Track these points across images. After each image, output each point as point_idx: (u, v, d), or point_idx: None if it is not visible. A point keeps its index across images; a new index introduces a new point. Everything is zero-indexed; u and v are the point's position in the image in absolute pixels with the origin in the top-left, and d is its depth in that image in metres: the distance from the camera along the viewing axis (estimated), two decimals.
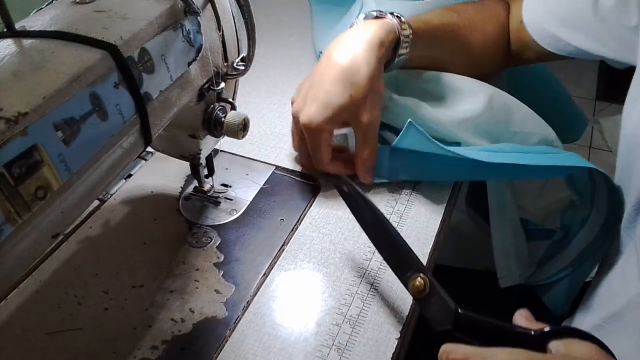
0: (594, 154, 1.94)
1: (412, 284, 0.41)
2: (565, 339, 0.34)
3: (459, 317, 0.38)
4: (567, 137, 0.89)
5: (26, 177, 0.27)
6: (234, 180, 0.59)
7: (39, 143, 0.28)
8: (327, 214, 0.55)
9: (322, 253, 0.51)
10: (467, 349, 0.35)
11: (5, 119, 0.26)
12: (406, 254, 0.43)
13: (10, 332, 0.44)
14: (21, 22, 0.34)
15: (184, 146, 0.50)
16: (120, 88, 0.33)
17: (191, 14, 0.40)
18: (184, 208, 0.56)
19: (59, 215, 0.31)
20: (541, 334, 0.34)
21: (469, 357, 0.34)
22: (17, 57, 0.30)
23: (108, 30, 0.34)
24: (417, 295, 0.41)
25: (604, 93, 2.18)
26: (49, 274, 0.49)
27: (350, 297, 0.47)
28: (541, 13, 0.60)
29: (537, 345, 0.34)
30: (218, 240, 0.52)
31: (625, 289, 0.49)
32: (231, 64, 0.47)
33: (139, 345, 0.43)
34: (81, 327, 0.45)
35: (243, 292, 0.47)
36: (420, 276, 0.41)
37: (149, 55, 0.36)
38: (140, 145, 0.38)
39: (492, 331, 0.37)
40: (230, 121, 0.48)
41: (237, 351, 0.43)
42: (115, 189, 0.57)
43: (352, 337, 0.44)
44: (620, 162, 0.51)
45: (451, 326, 0.38)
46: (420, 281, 0.40)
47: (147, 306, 0.46)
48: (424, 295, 0.40)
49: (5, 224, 0.27)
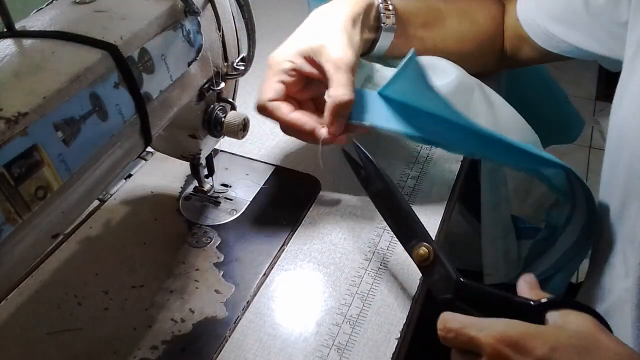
0: (594, 154, 1.94)
1: (416, 252, 0.41)
2: (563, 310, 0.34)
3: (460, 286, 0.38)
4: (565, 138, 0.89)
5: (26, 177, 0.27)
6: (234, 180, 0.59)
7: (39, 143, 0.28)
8: (327, 214, 0.55)
9: (322, 253, 0.51)
10: (464, 318, 0.36)
11: (5, 119, 0.26)
12: (413, 223, 0.43)
13: (10, 332, 0.44)
14: (21, 22, 0.34)
15: (184, 146, 0.50)
16: (120, 88, 0.33)
17: (191, 14, 0.40)
18: (184, 208, 0.56)
19: (59, 215, 0.31)
20: (539, 305, 0.35)
21: (465, 326, 0.35)
22: (17, 57, 0.30)
23: (108, 30, 0.34)
24: (421, 263, 0.41)
25: (604, 93, 2.18)
26: (49, 274, 0.49)
27: (350, 297, 0.47)
28: (535, 9, 0.61)
29: (535, 315, 0.35)
30: (218, 240, 0.52)
31: (615, 285, 0.49)
32: (231, 64, 0.47)
33: (139, 345, 0.43)
34: (81, 327, 0.45)
35: (243, 292, 0.47)
36: (425, 245, 0.41)
37: (149, 55, 0.36)
38: (140, 145, 0.38)
39: (492, 301, 0.37)
40: (230, 121, 0.48)
41: (237, 351, 0.43)
42: (115, 189, 0.57)
43: (352, 337, 0.44)
44: (607, 159, 0.52)
45: (452, 295, 0.39)
46: (425, 250, 0.41)
47: (147, 306, 0.46)
48: (428, 263, 0.41)
49: (5, 224, 0.27)
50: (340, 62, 0.48)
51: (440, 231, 0.53)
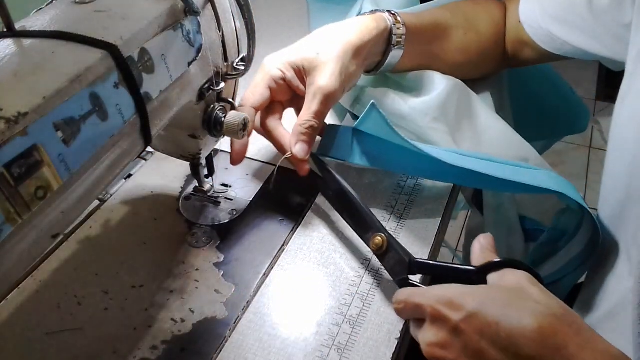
0: (594, 154, 1.94)
1: (372, 242, 0.46)
2: (502, 271, 0.38)
3: (412, 265, 0.43)
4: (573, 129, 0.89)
5: (26, 177, 0.27)
6: (234, 180, 0.59)
7: (39, 143, 0.28)
8: (327, 214, 0.55)
9: (322, 253, 0.51)
10: (411, 290, 0.41)
11: (5, 119, 0.26)
12: (368, 217, 0.47)
13: (10, 332, 0.44)
14: (21, 22, 0.34)
15: (184, 146, 0.50)
16: (120, 88, 0.33)
17: (191, 14, 0.40)
18: (184, 208, 0.56)
19: (59, 215, 0.31)
20: (480, 268, 0.39)
21: (411, 295, 0.40)
22: (17, 57, 0.30)
23: (108, 30, 0.34)
24: (377, 251, 0.46)
25: (604, 93, 2.18)
26: (49, 274, 0.49)
27: (350, 297, 0.47)
28: (538, 11, 0.60)
29: (478, 278, 0.39)
30: (218, 240, 0.52)
31: (619, 286, 0.49)
32: (231, 64, 0.47)
33: (139, 345, 0.43)
34: (81, 327, 0.45)
35: (243, 292, 0.47)
36: (380, 235, 0.45)
37: (149, 55, 0.36)
38: (140, 145, 0.38)
39: (441, 272, 0.42)
40: (230, 121, 0.48)
41: (237, 351, 0.43)
42: (115, 189, 0.57)
43: (352, 337, 0.44)
44: (609, 158, 0.52)
45: (406, 274, 0.43)
46: (380, 239, 0.45)
47: (147, 306, 0.46)
48: (383, 251, 0.45)
49: (5, 224, 0.27)
50: (320, 91, 0.50)
51: (440, 229, 0.53)
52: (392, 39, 0.56)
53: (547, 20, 0.59)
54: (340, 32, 0.53)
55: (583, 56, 0.59)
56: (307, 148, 0.50)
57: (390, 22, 0.56)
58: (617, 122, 0.49)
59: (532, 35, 0.62)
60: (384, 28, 0.55)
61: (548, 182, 0.48)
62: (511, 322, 0.34)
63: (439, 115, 0.55)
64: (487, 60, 0.67)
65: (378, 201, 0.56)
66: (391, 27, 0.56)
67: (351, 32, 0.53)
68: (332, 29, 0.54)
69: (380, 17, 0.56)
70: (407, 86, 0.60)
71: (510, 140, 0.58)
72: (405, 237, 0.52)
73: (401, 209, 0.55)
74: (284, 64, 0.51)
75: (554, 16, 0.58)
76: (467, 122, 0.58)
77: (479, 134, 0.58)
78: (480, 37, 0.64)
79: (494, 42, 0.66)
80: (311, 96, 0.50)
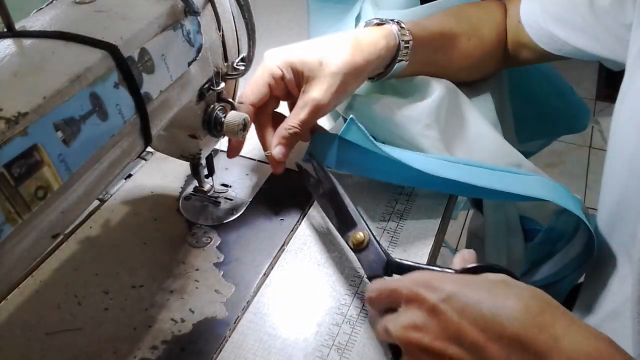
0: (594, 154, 1.94)
1: (352, 238, 0.45)
2: (483, 274, 0.37)
3: (389, 264, 0.43)
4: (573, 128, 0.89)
5: (26, 177, 0.27)
6: (234, 180, 0.59)
7: (39, 143, 0.28)
8: None
9: (322, 253, 0.51)
10: (385, 279, 0.41)
11: (5, 119, 0.26)
12: (354, 215, 0.47)
13: (10, 332, 0.44)
14: (21, 22, 0.34)
15: (184, 146, 0.50)
16: (120, 88, 0.33)
17: (191, 14, 0.40)
18: (184, 208, 0.56)
19: (59, 215, 0.31)
20: (460, 272, 0.38)
21: (385, 282, 0.40)
22: (17, 57, 0.30)
23: (108, 30, 0.34)
24: (357, 247, 0.45)
25: (604, 93, 2.18)
26: (49, 274, 0.49)
27: (350, 297, 0.47)
28: (538, 12, 0.60)
29: None
30: (218, 240, 0.52)
31: (622, 286, 0.49)
32: (231, 64, 0.47)
33: (139, 345, 0.43)
34: (81, 327, 0.45)
35: (243, 292, 0.47)
36: (362, 232, 0.45)
37: (149, 55, 0.36)
38: (140, 145, 0.38)
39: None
40: (230, 121, 0.48)
41: (237, 351, 0.43)
42: (115, 189, 0.57)
43: (352, 337, 0.44)
44: (609, 157, 0.52)
45: (382, 272, 0.43)
46: (361, 235, 0.45)
47: (147, 306, 0.46)
48: (362, 247, 0.45)
49: (5, 224, 0.27)
50: (312, 102, 0.50)
51: (440, 229, 0.53)
52: (399, 54, 0.55)
53: (547, 21, 0.59)
54: (348, 47, 0.51)
55: (583, 56, 0.59)
56: (286, 151, 0.51)
57: (399, 37, 0.55)
58: (617, 121, 0.50)
59: (533, 36, 0.62)
60: (392, 45, 0.54)
61: (540, 190, 0.48)
62: (495, 302, 0.33)
63: (431, 122, 0.54)
64: (489, 62, 0.67)
65: (378, 201, 0.55)
66: (399, 42, 0.55)
67: (359, 51, 0.52)
68: (341, 39, 0.53)
69: (390, 33, 0.55)
70: (402, 90, 0.60)
71: (500, 147, 0.57)
72: (405, 237, 0.52)
73: (401, 209, 0.55)
74: (285, 64, 0.51)
75: (554, 17, 0.58)
76: (459, 129, 0.58)
77: (470, 140, 0.57)
78: (483, 41, 0.64)
79: (496, 45, 0.65)
80: (302, 103, 0.51)
